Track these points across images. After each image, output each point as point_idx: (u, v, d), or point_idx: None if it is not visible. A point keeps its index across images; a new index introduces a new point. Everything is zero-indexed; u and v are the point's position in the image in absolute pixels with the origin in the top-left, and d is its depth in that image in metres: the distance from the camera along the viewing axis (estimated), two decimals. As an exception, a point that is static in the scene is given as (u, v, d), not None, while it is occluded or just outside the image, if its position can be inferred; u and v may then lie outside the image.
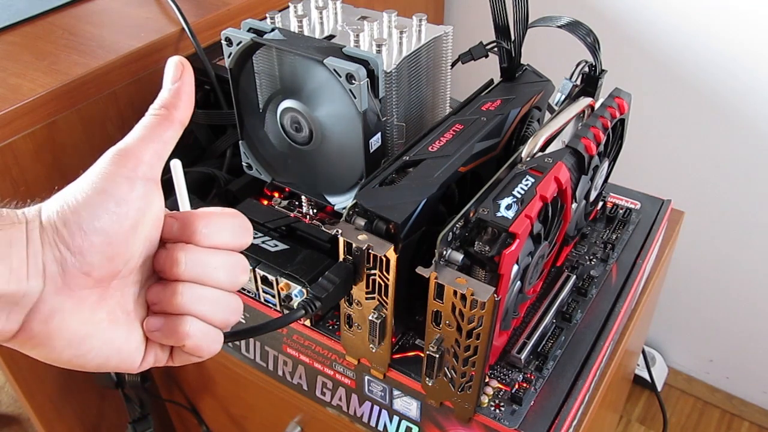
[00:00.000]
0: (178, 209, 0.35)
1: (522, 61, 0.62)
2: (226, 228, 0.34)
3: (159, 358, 0.35)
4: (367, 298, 0.49)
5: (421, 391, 0.52)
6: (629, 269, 0.63)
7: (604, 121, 0.54)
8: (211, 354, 0.35)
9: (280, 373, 0.64)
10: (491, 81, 0.63)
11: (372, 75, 0.51)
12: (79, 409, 0.85)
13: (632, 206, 0.69)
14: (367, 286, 0.48)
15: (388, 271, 0.46)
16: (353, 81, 0.50)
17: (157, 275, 0.34)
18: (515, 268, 0.46)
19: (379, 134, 0.55)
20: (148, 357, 0.34)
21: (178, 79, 0.33)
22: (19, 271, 0.28)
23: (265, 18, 0.59)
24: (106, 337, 0.32)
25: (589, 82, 0.61)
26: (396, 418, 0.57)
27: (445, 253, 0.44)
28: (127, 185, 0.30)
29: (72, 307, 0.30)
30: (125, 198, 0.30)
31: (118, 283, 0.32)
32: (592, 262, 0.63)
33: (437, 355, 0.47)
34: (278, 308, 0.59)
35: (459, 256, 0.44)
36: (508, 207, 0.44)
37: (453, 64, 0.62)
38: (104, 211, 0.30)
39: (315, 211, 0.64)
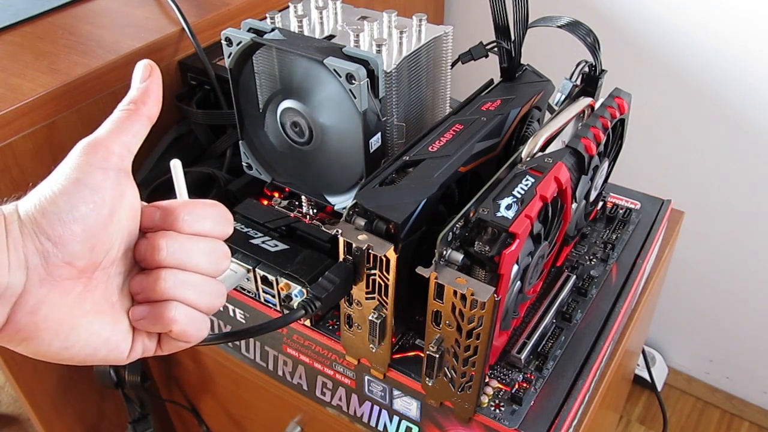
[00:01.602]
0: None
1: (522, 61, 0.62)
2: (208, 216, 0.35)
3: (147, 347, 0.35)
4: (367, 298, 0.49)
5: (421, 391, 0.52)
6: (629, 269, 0.63)
7: (604, 121, 0.54)
8: (198, 339, 0.35)
9: (280, 373, 0.64)
10: (491, 81, 0.63)
11: (372, 75, 0.51)
12: (79, 409, 0.85)
13: (632, 206, 0.69)
14: (367, 286, 0.48)
15: (388, 271, 0.46)
16: (353, 81, 0.50)
17: (139, 267, 0.34)
18: (515, 268, 0.46)
19: (379, 134, 0.55)
20: (135, 347, 0.35)
21: (146, 79, 0.34)
22: (1, 264, 0.28)
23: (265, 18, 0.59)
24: (93, 328, 0.32)
25: (589, 82, 0.61)
26: (396, 418, 0.57)
27: (445, 253, 0.44)
28: (101, 174, 0.31)
29: (57, 298, 0.30)
30: (99, 186, 0.31)
31: (101, 274, 0.32)
32: (592, 262, 0.63)
33: (437, 355, 0.47)
34: (278, 308, 0.59)
35: (459, 256, 0.44)
36: (508, 207, 0.44)
37: (453, 64, 0.62)
38: (81, 199, 0.30)
39: (315, 211, 0.64)
